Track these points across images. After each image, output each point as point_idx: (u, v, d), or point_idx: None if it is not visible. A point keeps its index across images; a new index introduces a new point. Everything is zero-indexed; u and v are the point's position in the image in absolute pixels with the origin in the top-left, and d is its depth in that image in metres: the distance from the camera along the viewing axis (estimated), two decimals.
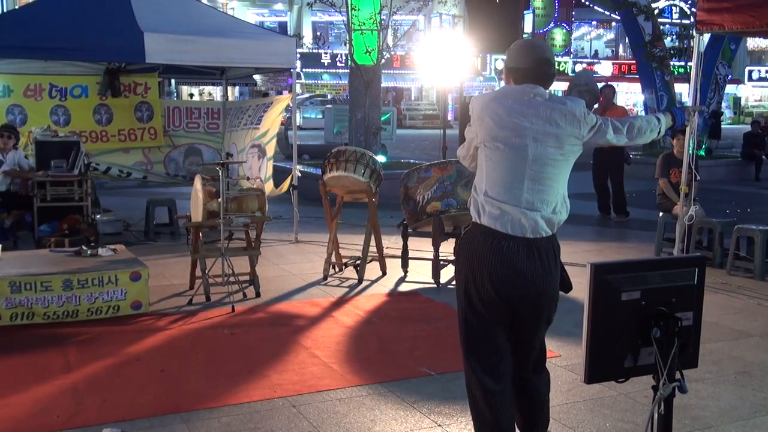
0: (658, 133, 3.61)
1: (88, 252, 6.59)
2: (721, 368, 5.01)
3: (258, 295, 6.77)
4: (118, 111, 10.50)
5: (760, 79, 51.20)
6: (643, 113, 25.42)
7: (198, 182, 6.95)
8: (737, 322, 6.09)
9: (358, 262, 7.50)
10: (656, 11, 22.12)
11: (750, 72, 50.33)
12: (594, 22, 51.17)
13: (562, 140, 3.26)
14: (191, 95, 38.94)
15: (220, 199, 6.53)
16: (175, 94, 38.62)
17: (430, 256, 7.30)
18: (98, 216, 9.11)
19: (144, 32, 8.07)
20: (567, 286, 3.39)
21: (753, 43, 46.16)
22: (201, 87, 39.62)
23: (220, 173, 6.43)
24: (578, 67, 45.64)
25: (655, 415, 2.47)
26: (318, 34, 36.99)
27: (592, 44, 52.37)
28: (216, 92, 38.23)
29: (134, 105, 10.60)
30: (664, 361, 2.39)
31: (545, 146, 3.23)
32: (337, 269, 7.75)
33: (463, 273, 3.40)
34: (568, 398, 4.48)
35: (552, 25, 47.08)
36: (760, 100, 53.76)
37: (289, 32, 38.42)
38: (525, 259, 3.21)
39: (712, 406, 4.38)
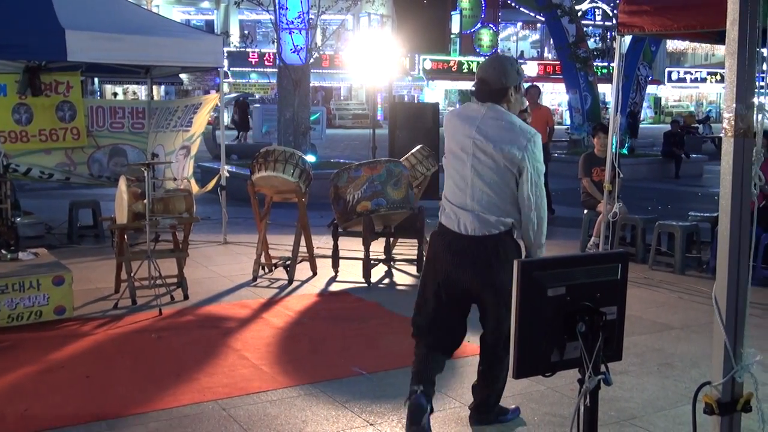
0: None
1: (8, 256, 6.37)
2: (645, 360, 5.15)
3: (186, 297, 6.66)
4: (39, 110, 10.17)
5: (679, 80, 52.84)
6: (568, 113, 25.98)
7: (123, 183, 6.80)
8: (659, 315, 6.27)
9: (288, 262, 7.46)
10: (579, 13, 22.59)
11: (669, 73, 51.89)
12: (520, 23, 52.01)
13: (495, 153, 3.66)
14: (115, 94, 38.07)
15: (145, 201, 6.40)
16: (98, 93, 37.70)
17: (361, 255, 7.30)
18: (18, 219, 8.81)
19: (65, 29, 7.85)
20: None
21: (672, 45, 47.55)
22: (125, 86, 38.73)
23: (146, 174, 6.31)
24: None
25: (582, 408, 2.52)
26: (245, 32, 36.64)
27: (518, 45, 53.22)
28: (141, 91, 37.47)
29: (56, 104, 10.28)
30: (589, 354, 2.44)
31: (482, 157, 3.68)
32: (266, 270, 7.69)
33: (428, 261, 3.97)
34: None
35: (479, 25, 47.64)
36: (680, 101, 55.51)
37: (216, 31, 37.93)
38: (470, 254, 3.70)
39: (637, 398, 4.50)
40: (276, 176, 7.17)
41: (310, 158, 11.29)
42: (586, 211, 8.78)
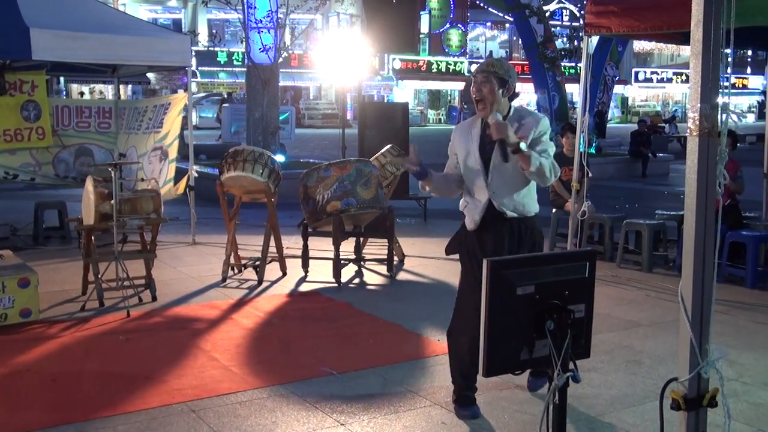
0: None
1: None
2: (613, 357, 5.20)
3: (154, 299, 6.60)
4: (3, 110, 10.02)
5: (646, 80, 53.47)
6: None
7: (89, 184, 6.72)
8: (627, 312, 6.34)
9: (258, 263, 7.42)
10: (547, 14, 22.75)
11: (636, 73, 52.48)
12: (488, 24, 52.25)
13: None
14: (81, 93, 37.57)
15: (113, 201, 6.33)
16: (64, 93, 37.20)
17: (331, 255, 7.29)
18: None
19: (30, 28, 7.76)
20: None
21: (639, 45, 48.08)
22: (92, 85, 38.24)
23: (113, 174, 6.24)
24: (473, 68, 46.45)
25: (551, 405, 2.54)
26: (214, 31, 36.35)
27: (486, 45, 53.44)
28: (107, 91, 37.04)
29: (20, 104, 10.13)
30: (558, 352, 2.46)
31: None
32: (236, 271, 7.65)
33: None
34: None
35: (448, 25, 47.83)
36: (646, 100, 56.17)
37: (183, 30, 37.62)
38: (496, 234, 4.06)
39: (605, 394, 4.54)
40: (245, 176, 7.13)
41: (280, 158, 11.24)
42: (554, 210, 8.84)
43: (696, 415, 2.47)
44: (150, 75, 30.27)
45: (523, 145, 3.78)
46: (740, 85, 53.95)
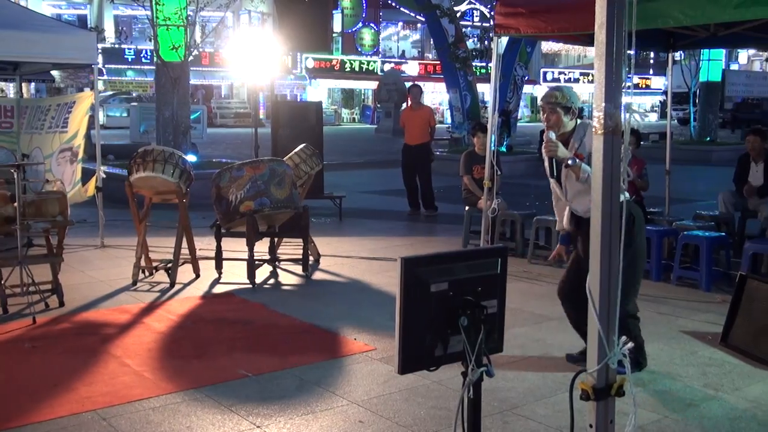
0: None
1: None
2: (525, 351, 5.32)
3: (62, 304, 6.40)
4: None
5: (554, 80, 54.75)
6: (449, 112, 26.49)
7: None
8: (538, 307, 6.48)
9: (170, 265, 7.28)
10: (458, 14, 23.08)
11: (545, 73, 53.78)
12: (401, 23, 52.63)
13: None
14: None
15: (16, 204, 6.10)
16: None
17: (245, 256, 7.21)
18: None
19: None
20: None
21: (547, 46, 49.28)
22: None
23: (16, 176, 6.02)
24: (387, 67, 46.80)
25: (466, 400, 2.57)
26: (121, 28, 35.44)
27: (399, 44, 53.83)
28: (9, 89, 35.62)
29: None
30: (471, 347, 2.50)
31: None
32: (147, 273, 7.48)
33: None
34: (384, 390, 4.58)
35: (360, 24, 47.96)
36: None
37: (89, 26, 36.52)
38: None
39: (518, 387, 4.64)
40: (155, 177, 6.98)
41: (191, 158, 11.05)
42: (467, 208, 8.98)
43: (605, 404, 2.55)
44: (54, 73, 29.30)
45: (570, 161, 4.48)
46: (643, 86, 55.96)
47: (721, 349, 5.37)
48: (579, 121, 4.81)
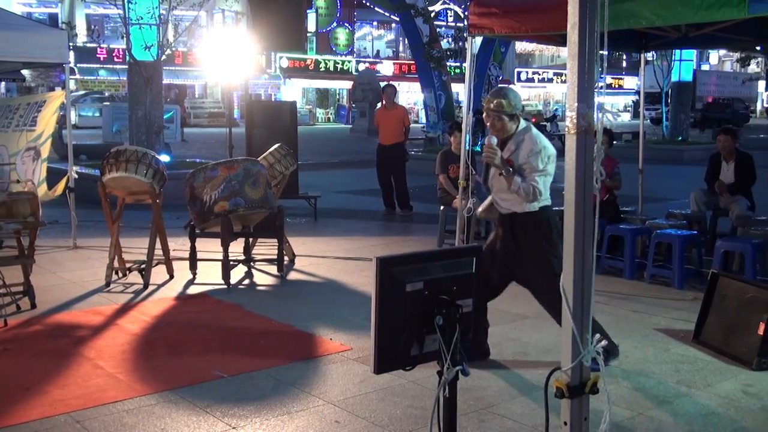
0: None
1: None
2: (501, 350, 5.34)
3: (33, 306, 6.32)
4: None
5: (528, 80, 55.11)
6: (423, 111, 26.53)
7: None
8: (513, 305, 6.49)
9: (143, 266, 7.22)
10: (433, 14, 23.13)
11: (519, 73, 54.03)
12: (375, 23, 52.62)
13: None
14: None
15: None
16: None
17: (220, 256, 7.17)
18: None
19: None
20: None
21: (521, 46, 49.48)
22: None
23: None
24: (361, 67, 46.78)
25: (441, 399, 2.58)
26: (93, 27, 35.10)
27: (374, 44, 53.82)
28: None
29: None
30: (447, 346, 2.51)
31: None
32: (120, 275, 7.42)
33: None
34: (361, 389, 4.58)
35: (335, 24, 47.90)
36: (528, 100, 57.83)
37: (60, 25, 36.13)
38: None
39: (494, 386, 4.66)
40: (128, 177, 6.92)
41: (165, 158, 10.97)
42: (442, 207, 8.99)
43: (579, 401, 2.57)
44: (25, 72, 28.98)
45: (504, 171, 4.77)
46: (616, 86, 56.43)
47: (694, 347, 5.43)
48: (523, 123, 5.01)
